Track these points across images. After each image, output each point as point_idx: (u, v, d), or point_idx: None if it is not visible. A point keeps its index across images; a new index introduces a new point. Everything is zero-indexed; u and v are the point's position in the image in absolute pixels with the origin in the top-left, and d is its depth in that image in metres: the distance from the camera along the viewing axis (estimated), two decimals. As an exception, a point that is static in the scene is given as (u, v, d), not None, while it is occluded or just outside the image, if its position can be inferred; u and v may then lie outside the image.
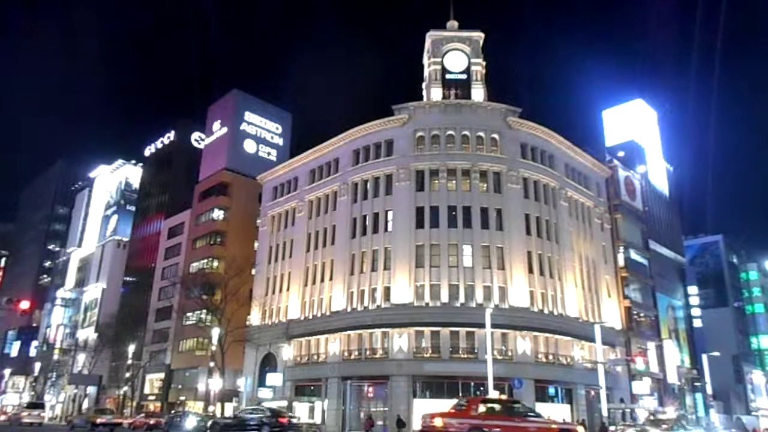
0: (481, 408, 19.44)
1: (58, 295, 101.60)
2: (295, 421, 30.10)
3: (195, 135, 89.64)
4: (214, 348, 50.57)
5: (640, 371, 54.92)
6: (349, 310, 47.83)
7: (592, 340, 43.34)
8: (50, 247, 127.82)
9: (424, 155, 49.04)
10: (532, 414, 20.27)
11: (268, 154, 78.14)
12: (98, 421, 41.79)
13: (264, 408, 30.00)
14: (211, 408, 52.86)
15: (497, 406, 20.06)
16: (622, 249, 58.55)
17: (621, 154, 66.00)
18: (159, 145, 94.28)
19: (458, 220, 46.70)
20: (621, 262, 58.12)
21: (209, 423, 31.32)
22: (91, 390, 76.75)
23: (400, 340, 43.90)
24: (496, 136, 49.68)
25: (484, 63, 54.92)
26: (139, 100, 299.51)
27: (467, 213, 46.89)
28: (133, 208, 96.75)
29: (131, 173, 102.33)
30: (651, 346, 59.47)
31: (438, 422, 18.58)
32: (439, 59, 54.60)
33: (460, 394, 42.12)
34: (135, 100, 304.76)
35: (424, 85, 56.56)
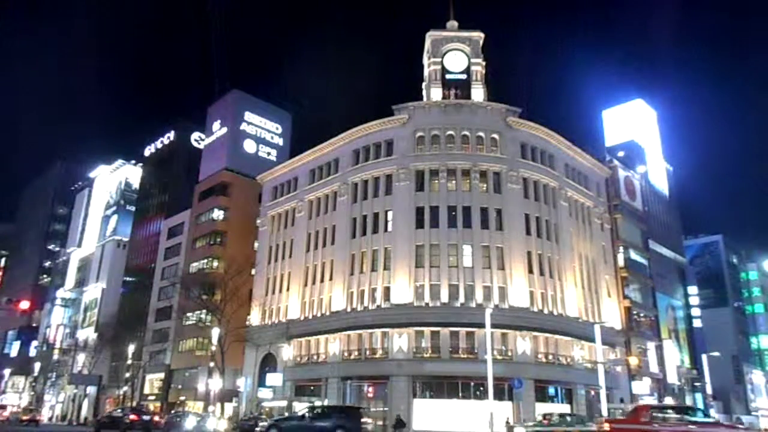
0: (652, 414, 19.15)
1: (58, 295, 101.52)
2: (147, 418, 38.53)
3: (195, 135, 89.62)
4: (214, 348, 50.54)
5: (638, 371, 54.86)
6: (349, 310, 47.82)
7: (592, 340, 43.32)
8: (50, 247, 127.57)
9: (424, 155, 49.04)
10: (710, 420, 19.60)
11: (268, 154, 78.12)
12: (23, 418, 54.15)
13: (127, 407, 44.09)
14: (211, 408, 52.82)
15: (670, 412, 19.73)
16: (622, 249, 58.57)
17: (621, 154, 66.06)
18: (159, 145, 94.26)
19: (458, 220, 46.70)
20: (621, 262, 58.14)
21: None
22: (91, 390, 76.72)
23: (400, 340, 43.89)
24: (496, 136, 49.67)
25: (484, 63, 54.90)
26: (139, 100, 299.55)
27: (467, 213, 46.89)
28: (133, 208, 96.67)
29: (131, 173, 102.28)
30: (651, 346, 59.49)
31: (606, 427, 19.23)
32: (439, 59, 54.59)
33: (460, 394, 42.25)
34: (135, 101, 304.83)
35: (424, 85, 56.56)
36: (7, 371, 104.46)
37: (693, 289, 72.46)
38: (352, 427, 24.21)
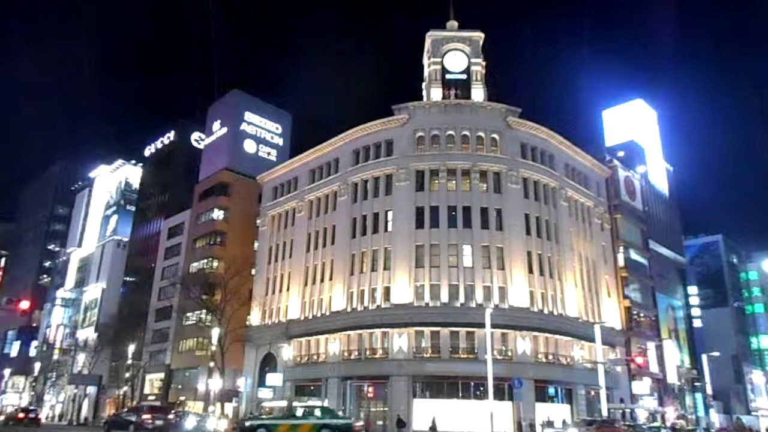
0: None
1: (58, 295, 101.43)
2: (33, 415, 46.69)
3: (195, 135, 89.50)
4: (214, 348, 50.55)
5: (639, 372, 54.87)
6: (349, 310, 47.83)
7: (592, 340, 43.35)
8: (50, 247, 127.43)
9: (424, 155, 49.04)
10: None
11: (268, 154, 78.07)
12: None
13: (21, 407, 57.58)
14: (211, 408, 52.81)
15: None
16: (622, 249, 58.57)
17: (621, 154, 66.05)
18: (159, 145, 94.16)
19: (458, 220, 46.71)
20: (621, 262, 58.14)
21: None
22: (91, 390, 76.69)
23: (400, 340, 43.89)
24: (496, 136, 49.68)
25: (484, 63, 54.90)
26: (139, 100, 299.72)
27: (467, 213, 46.90)
28: (133, 208, 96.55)
29: (131, 173, 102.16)
30: (651, 346, 59.51)
31: None
32: (439, 59, 54.59)
33: (460, 394, 42.27)
34: (135, 100, 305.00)
35: (424, 85, 56.55)
36: (7, 371, 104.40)
37: (693, 289, 72.45)
38: (139, 422, 31.08)
